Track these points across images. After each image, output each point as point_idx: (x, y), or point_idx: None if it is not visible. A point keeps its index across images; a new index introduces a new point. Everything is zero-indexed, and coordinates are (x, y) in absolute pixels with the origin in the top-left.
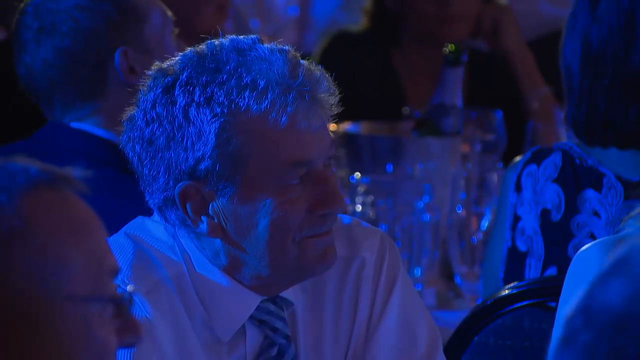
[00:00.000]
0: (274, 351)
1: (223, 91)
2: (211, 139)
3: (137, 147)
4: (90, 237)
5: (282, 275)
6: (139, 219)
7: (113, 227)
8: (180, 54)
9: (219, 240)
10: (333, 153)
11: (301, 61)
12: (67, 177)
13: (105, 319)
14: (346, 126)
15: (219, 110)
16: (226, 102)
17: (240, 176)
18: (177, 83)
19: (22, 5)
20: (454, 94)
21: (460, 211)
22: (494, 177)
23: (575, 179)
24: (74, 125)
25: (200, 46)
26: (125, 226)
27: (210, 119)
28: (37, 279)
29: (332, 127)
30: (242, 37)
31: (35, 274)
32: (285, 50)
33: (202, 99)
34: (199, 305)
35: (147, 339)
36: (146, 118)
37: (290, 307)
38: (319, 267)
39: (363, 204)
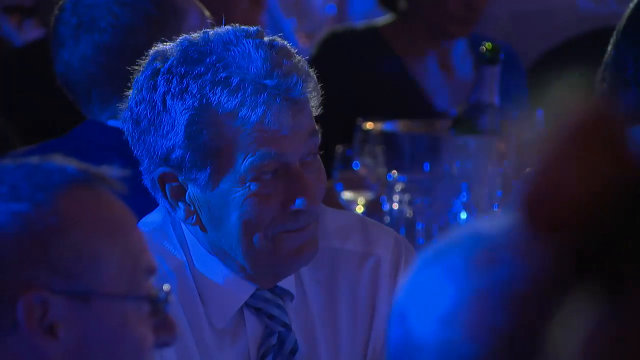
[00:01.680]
0: (274, 339)
1: (197, 84)
2: (181, 129)
3: (129, 126)
4: (126, 236)
5: (261, 268)
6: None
7: None
8: (178, 39)
9: (198, 228)
10: (314, 149)
11: (285, 61)
12: (104, 175)
13: (141, 317)
14: (382, 124)
15: (190, 102)
16: (198, 96)
17: (211, 167)
18: (162, 69)
19: (60, 1)
20: (491, 92)
21: (497, 210)
22: None
23: None
24: (111, 123)
25: (196, 34)
26: None
27: (182, 110)
28: (73, 277)
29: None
30: (238, 28)
31: (71, 272)
32: (275, 46)
33: (177, 89)
34: (197, 296)
35: None
36: (136, 99)
37: (292, 298)
38: (295, 263)
39: (400, 202)
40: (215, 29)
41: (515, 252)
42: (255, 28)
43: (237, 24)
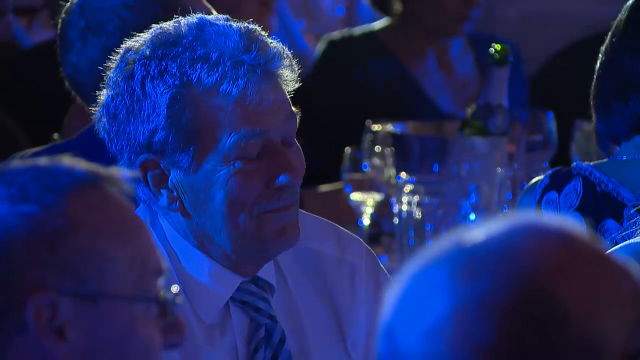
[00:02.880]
0: (262, 332)
1: (176, 63)
2: (163, 110)
3: (106, 124)
4: (135, 237)
5: (245, 251)
6: None
7: None
8: (148, 31)
9: (180, 215)
10: (293, 133)
11: (260, 37)
12: (112, 177)
13: (149, 318)
14: (391, 126)
15: (171, 82)
16: (178, 74)
17: (194, 148)
18: (137, 57)
19: (67, 4)
20: (500, 93)
21: (506, 211)
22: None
23: (597, 208)
24: None
25: (167, 23)
26: None
27: (163, 91)
28: (82, 279)
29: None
30: (206, 15)
31: (80, 274)
32: (246, 26)
33: (156, 71)
34: (182, 292)
35: None
36: (111, 93)
37: (273, 291)
38: (279, 243)
39: (409, 204)
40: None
41: (495, 264)
42: (224, 16)
43: None
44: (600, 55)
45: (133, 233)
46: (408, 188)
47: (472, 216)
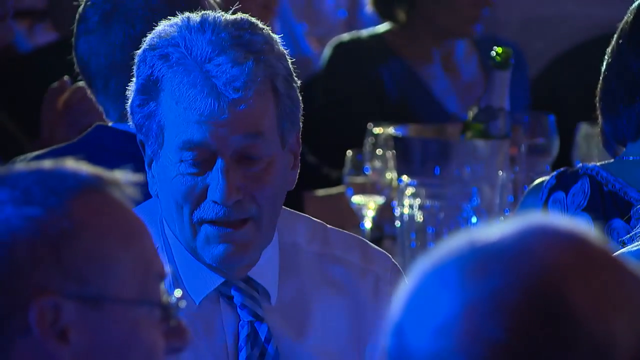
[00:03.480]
0: (247, 330)
1: (150, 56)
2: (136, 97)
3: None
4: (138, 241)
5: (195, 256)
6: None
7: None
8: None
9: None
10: (255, 152)
11: (237, 52)
12: (116, 180)
13: (152, 322)
14: (393, 129)
15: (142, 72)
16: (149, 67)
17: (155, 138)
18: (144, 44)
19: (78, 4)
20: (502, 96)
21: (508, 214)
22: None
23: (604, 207)
24: (120, 127)
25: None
26: None
27: (137, 79)
28: (85, 282)
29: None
30: (207, 12)
31: (83, 277)
32: (233, 34)
33: (139, 59)
34: (170, 279)
35: None
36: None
37: (267, 295)
38: (209, 257)
39: (411, 207)
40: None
41: (507, 262)
42: (227, 16)
43: None
44: (606, 57)
45: (136, 237)
46: (410, 191)
47: (474, 219)
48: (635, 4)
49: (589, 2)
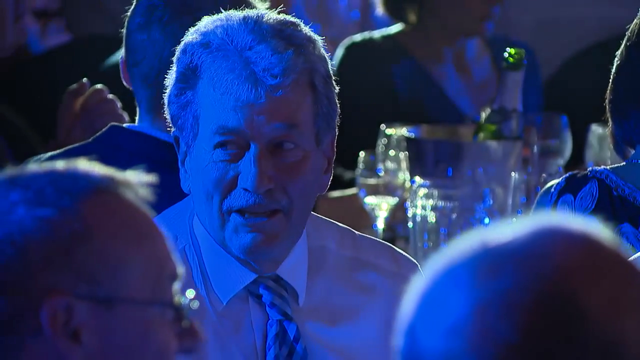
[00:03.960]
0: (276, 329)
1: (190, 45)
2: (173, 87)
3: None
4: (151, 242)
5: (225, 248)
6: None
7: None
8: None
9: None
10: (290, 140)
11: (276, 41)
12: (128, 181)
13: (165, 323)
14: (405, 130)
15: (183, 61)
16: (187, 56)
17: (192, 130)
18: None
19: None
20: (515, 98)
21: (520, 215)
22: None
23: (613, 211)
24: (134, 127)
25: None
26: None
27: (177, 67)
28: (98, 283)
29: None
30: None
31: (95, 278)
32: (274, 27)
33: (181, 49)
34: (200, 278)
35: None
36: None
37: (296, 295)
38: (237, 246)
39: (423, 208)
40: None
41: (519, 263)
42: (273, 13)
43: None
44: (615, 60)
45: (149, 238)
46: (422, 192)
47: (487, 220)
48: None
49: (602, 3)
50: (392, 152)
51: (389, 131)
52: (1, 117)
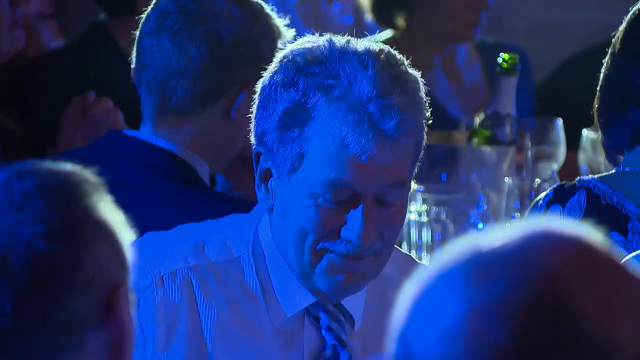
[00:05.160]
0: (329, 353)
1: (305, 82)
2: (276, 118)
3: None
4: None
5: (306, 280)
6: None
7: None
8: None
9: (270, 216)
10: (400, 192)
11: (396, 93)
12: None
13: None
14: None
15: (292, 96)
16: (301, 93)
17: (291, 164)
18: (289, 56)
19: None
20: (509, 103)
21: (514, 220)
22: (548, 187)
23: (601, 220)
24: (130, 133)
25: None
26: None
27: (284, 99)
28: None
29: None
30: (364, 43)
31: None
32: (394, 73)
33: (289, 80)
34: (259, 290)
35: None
36: (272, 74)
37: (352, 321)
38: (326, 285)
39: (417, 213)
40: (342, 38)
41: (512, 267)
42: (380, 48)
43: None
44: (603, 67)
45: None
46: (416, 197)
47: (481, 225)
48: (630, 14)
49: (593, 8)
50: None
51: None
52: None
